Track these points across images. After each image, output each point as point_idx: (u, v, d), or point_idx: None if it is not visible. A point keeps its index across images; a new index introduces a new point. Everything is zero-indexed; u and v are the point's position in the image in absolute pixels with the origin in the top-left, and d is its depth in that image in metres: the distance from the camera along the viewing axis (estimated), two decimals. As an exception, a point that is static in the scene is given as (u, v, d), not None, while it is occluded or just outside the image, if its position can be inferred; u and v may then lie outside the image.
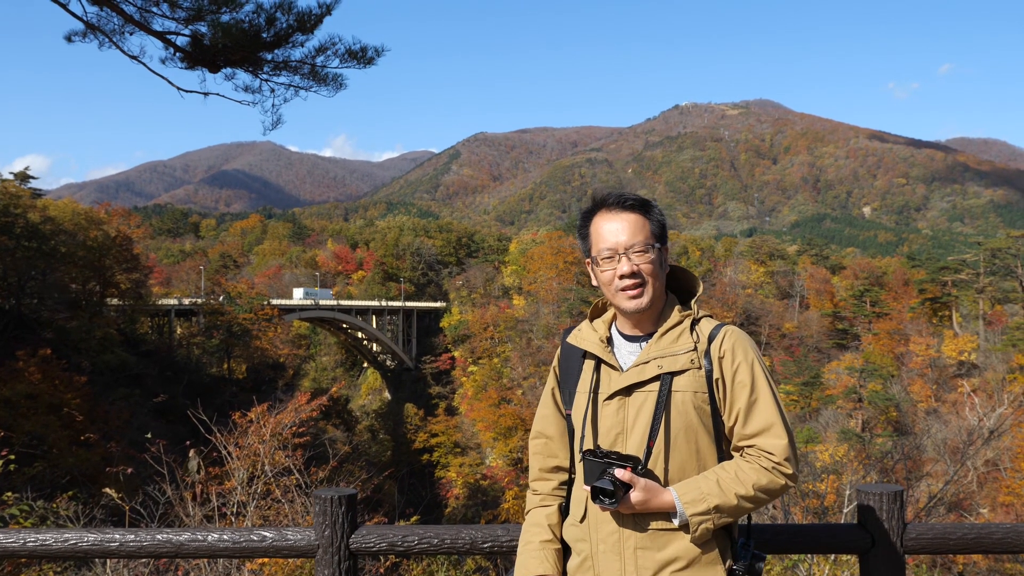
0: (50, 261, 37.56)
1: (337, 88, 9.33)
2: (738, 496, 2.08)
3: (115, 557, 3.57)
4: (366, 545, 2.83)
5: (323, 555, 2.81)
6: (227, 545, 2.88)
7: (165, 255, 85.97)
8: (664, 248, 2.28)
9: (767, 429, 2.14)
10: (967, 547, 2.92)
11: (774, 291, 77.60)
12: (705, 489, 2.10)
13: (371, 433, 60.47)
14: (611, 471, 2.10)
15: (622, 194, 2.28)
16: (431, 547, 2.84)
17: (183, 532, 2.90)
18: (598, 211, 2.31)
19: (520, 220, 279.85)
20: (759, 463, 2.12)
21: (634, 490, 2.09)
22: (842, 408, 48.80)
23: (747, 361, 2.18)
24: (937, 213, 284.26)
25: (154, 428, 10.77)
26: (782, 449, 2.12)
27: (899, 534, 2.80)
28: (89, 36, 8.69)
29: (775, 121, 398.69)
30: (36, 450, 20.51)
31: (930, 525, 2.92)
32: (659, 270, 2.25)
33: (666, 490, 2.12)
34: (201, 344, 51.49)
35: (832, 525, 2.95)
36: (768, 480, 2.10)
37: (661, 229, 2.28)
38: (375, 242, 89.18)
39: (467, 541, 2.84)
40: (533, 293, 68.54)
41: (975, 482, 29.54)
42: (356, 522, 2.87)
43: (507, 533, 2.84)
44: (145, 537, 2.88)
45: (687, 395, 2.17)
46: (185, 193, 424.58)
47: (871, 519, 2.82)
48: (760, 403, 2.17)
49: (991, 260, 58.99)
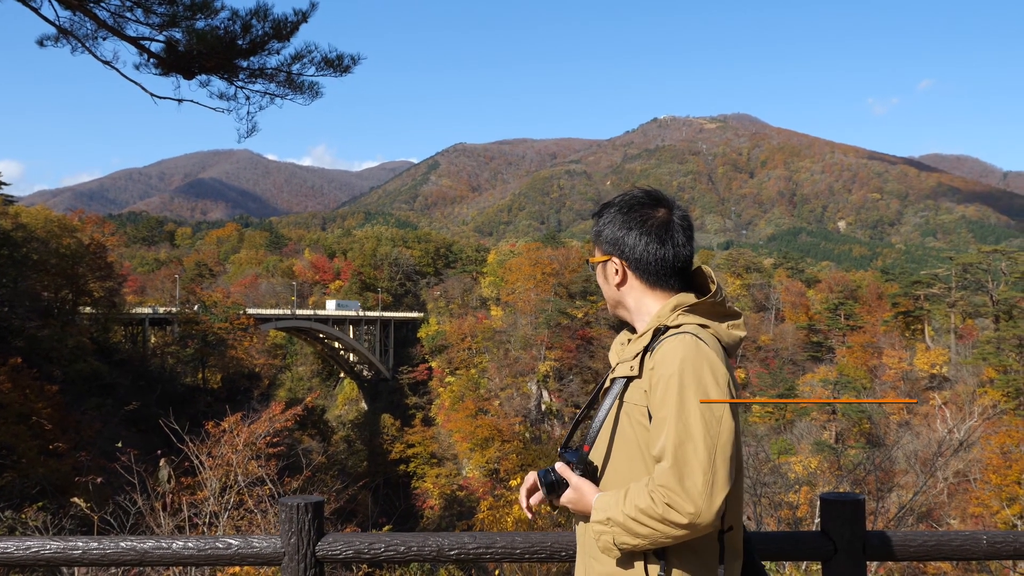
0: (21, 269, 37.10)
1: (313, 96, 9.34)
2: (625, 514, 1.93)
3: (78, 565, 3.54)
4: (332, 552, 2.83)
5: (288, 562, 2.81)
6: (192, 553, 2.86)
7: (140, 263, 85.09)
8: (612, 259, 2.19)
9: (662, 453, 1.94)
10: (927, 554, 2.98)
11: (750, 304, 78.09)
12: (612, 500, 1.99)
13: (347, 443, 60.19)
14: (553, 467, 2.13)
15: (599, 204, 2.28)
16: (397, 554, 2.84)
17: (147, 540, 2.89)
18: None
19: (499, 231, 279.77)
20: (647, 484, 1.94)
21: (569, 488, 2.09)
22: (816, 420, 49.16)
23: (666, 374, 1.97)
24: (911, 228, 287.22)
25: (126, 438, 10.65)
26: (660, 472, 1.91)
27: (861, 541, 2.86)
28: (62, 41, 8.65)
29: (752, 135, 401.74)
30: (5, 460, 20.23)
31: (891, 533, 2.98)
32: (604, 282, 2.23)
33: (594, 492, 2.06)
34: (175, 353, 51.01)
35: (796, 533, 2.99)
36: (646, 504, 1.90)
37: (598, 237, 2.22)
38: (353, 252, 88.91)
39: (433, 549, 2.85)
40: (511, 304, 68.51)
41: (945, 493, 29.80)
42: (323, 529, 2.87)
43: (474, 540, 2.85)
44: (109, 545, 2.86)
45: (629, 406, 2.08)
46: (160, 201, 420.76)
47: (834, 527, 2.88)
48: (665, 424, 1.94)
49: (963, 275, 59.73)
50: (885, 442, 41.06)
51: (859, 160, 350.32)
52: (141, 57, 8.88)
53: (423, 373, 68.72)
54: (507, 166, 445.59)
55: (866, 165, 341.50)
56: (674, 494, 1.87)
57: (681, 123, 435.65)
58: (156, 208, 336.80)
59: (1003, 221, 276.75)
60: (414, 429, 59.08)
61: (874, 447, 38.90)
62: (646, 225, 2.15)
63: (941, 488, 29.05)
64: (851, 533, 2.85)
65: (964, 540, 2.99)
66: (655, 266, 2.15)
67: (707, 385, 1.94)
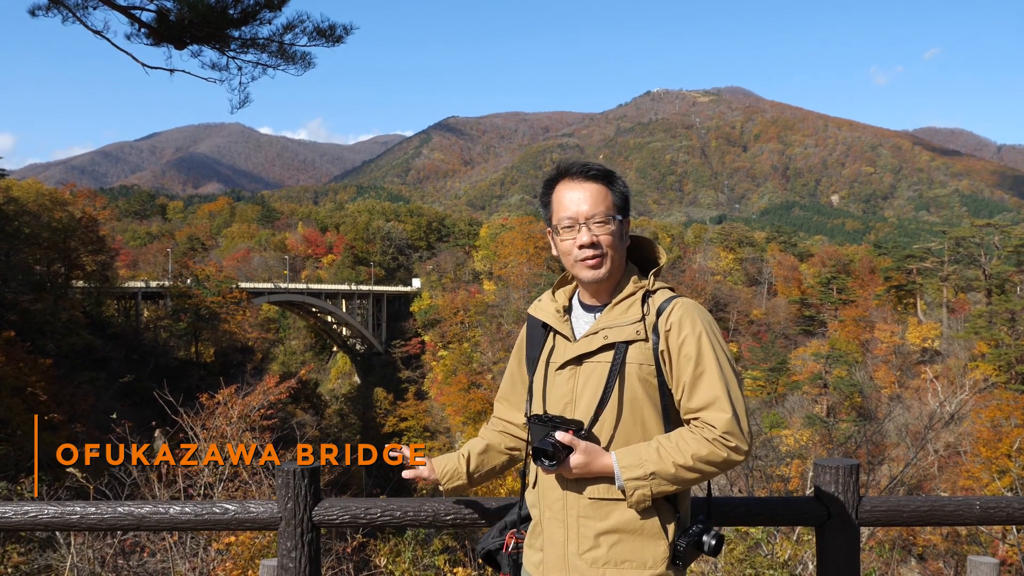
0: (13, 242, 36.97)
1: (305, 67, 9.27)
2: (676, 464, 2.04)
3: (76, 530, 3.55)
4: (329, 517, 2.84)
5: (285, 527, 2.82)
6: (189, 518, 2.87)
7: (132, 237, 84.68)
8: (626, 220, 2.25)
9: (712, 403, 2.08)
10: (920, 519, 2.99)
11: (743, 278, 78.21)
12: (644, 455, 2.07)
13: (340, 417, 60.31)
14: (552, 434, 2.10)
15: (586, 163, 2.25)
16: (394, 519, 2.86)
17: (144, 505, 2.89)
18: (561, 179, 2.27)
19: (491, 205, 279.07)
20: (701, 434, 2.06)
21: (574, 453, 2.09)
22: (808, 394, 49.41)
23: (694, 334, 2.12)
24: (904, 202, 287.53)
25: (120, 411, 10.69)
26: (725, 422, 2.05)
27: (854, 506, 2.86)
28: (53, 11, 8.55)
29: (746, 109, 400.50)
30: (0, 433, 20.25)
31: (884, 498, 2.99)
32: (619, 242, 2.22)
33: (606, 453, 2.11)
34: (168, 327, 50.94)
35: (789, 498, 3.01)
36: (709, 451, 2.04)
37: (623, 201, 2.24)
38: (345, 226, 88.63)
39: (430, 513, 2.86)
40: (503, 278, 68.56)
41: (936, 466, 30.06)
42: (319, 495, 2.88)
43: (468, 506, 2.86)
44: (106, 510, 2.86)
45: (633, 367, 2.14)
46: (152, 175, 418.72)
47: (827, 492, 2.88)
48: (706, 376, 2.10)
49: (955, 249, 59.90)
50: (876, 416, 41.33)
51: (853, 134, 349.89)
52: (132, 27, 8.80)
53: (416, 347, 68.79)
54: (499, 140, 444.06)
55: (859, 139, 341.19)
56: (735, 439, 2.05)
57: (674, 96, 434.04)
58: (148, 182, 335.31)
59: (997, 195, 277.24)
60: (407, 403, 59.23)
61: (865, 420, 39.16)
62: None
63: (932, 461, 29.32)
64: (845, 499, 2.86)
65: (957, 505, 3.00)
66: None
67: (724, 341, 2.18)
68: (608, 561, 2.11)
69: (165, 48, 8.83)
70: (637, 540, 2.11)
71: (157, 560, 6.46)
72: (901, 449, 29.69)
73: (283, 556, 2.83)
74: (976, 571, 3.28)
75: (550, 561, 2.20)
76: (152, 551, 6.52)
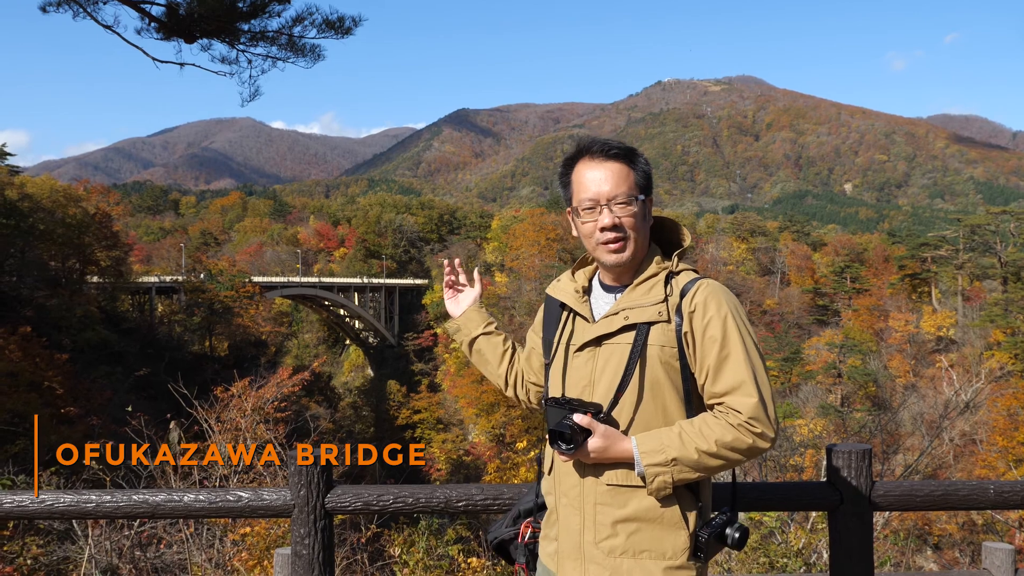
0: (28, 239, 37.18)
1: (315, 59, 9.28)
2: (699, 451, 1.97)
3: (91, 518, 3.58)
4: (341, 504, 2.85)
5: (299, 514, 2.83)
6: (203, 505, 2.89)
7: (145, 233, 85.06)
8: (649, 199, 2.18)
9: (737, 387, 2.00)
10: (934, 503, 2.97)
11: (755, 267, 77.85)
12: (666, 440, 2.00)
13: (354, 409, 60.46)
14: (570, 417, 2.03)
15: (607, 142, 2.16)
16: (406, 506, 2.86)
17: (159, 493, 2.91)
18: (581, 158, 2.18)
19: (502, 197, 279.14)
20: (726, 419, 1.98)
21: (593, 436, 2.02)
22: (822, 383, 49.17)
23: (719, 316, 2.05)
24: (918, 190, 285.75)
25: (135, 404, 10.75)
26: (750, 407, 1.97)
27: (867, 491, 2.85)
28: (64, 6, 8.58)
29: (757, 98, 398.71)
30: (18, 428, 20.40)
31: (898, 483, 2.98)
32: (642, 223, 2.16)
33: (626, 438, 2.04)
34: (182, 322, 51.16)
35: (801, 483, 3.00)
36: (733, 437, 1.96)
37: (646, 179, 2.17)
38: (357, 219, 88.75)
39: (441, 500, 2.87)
40: (515, 270, 68.40)
41: (951, 454, 29.91)
42: (332, 482, 2.89)
43: (481, 492, 2.87)
44: (121, 498, 2.88)
45: (654, 348, 2.07)
46: (165, 170, 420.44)
47: (840, 477, 2.87)
48: (731, 360, 2.02)
49: (970, 236, 59.41)
50: (891, 405, 41.14)
51: (866, 121, 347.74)
52: (143, 21, 8.84)
53: (428, 339, 68.80)
54: (510, 131, 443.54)
55: (873, 126, 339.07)
56: (762, 425, 1.98)
57: (685, 86, 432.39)
58: (160, 177, 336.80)
59: (1012, 182, 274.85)
60: (420, 395, 59.28)
61: (880, 410, 38.99)
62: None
63: (947, 449, 29.18)
64: (858, 483, 2.84)
65: (971, 490, 2.99)
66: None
67: (750, 324, 2.11)
68: (626, 551, 2.04)
69: (175, 42, 8.86)
70: (656, 529, 2.04)
71: (174, 551, 6.51)
72: (916, 438, 29.58)
73: (297, 543, 2.84)
74: (991, 557, 3.27)
75: (565, 550, 2.13)
76: (169, 542, 6.57)
